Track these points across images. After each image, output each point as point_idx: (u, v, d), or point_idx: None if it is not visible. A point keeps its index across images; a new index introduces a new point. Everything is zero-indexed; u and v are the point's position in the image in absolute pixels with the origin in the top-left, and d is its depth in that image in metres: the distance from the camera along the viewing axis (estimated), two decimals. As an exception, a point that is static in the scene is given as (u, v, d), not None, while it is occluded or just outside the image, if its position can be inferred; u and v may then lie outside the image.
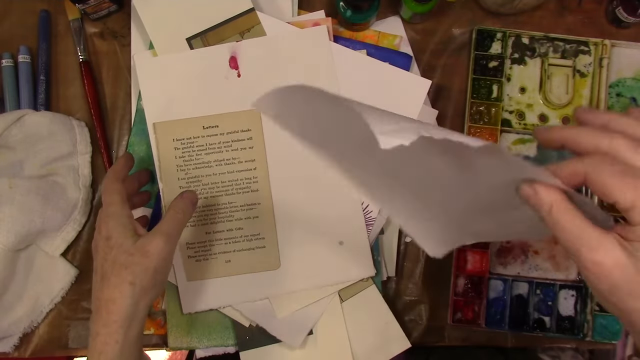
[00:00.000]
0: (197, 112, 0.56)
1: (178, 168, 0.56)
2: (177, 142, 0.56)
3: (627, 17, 0.61)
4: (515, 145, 0.62)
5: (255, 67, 0.57)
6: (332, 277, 0.57)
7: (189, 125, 0.56)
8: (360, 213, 0.57)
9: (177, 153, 0.56)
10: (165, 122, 0.56)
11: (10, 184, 0.55)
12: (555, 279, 0.61)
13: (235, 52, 0.57)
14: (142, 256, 0.44)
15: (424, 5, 0.59)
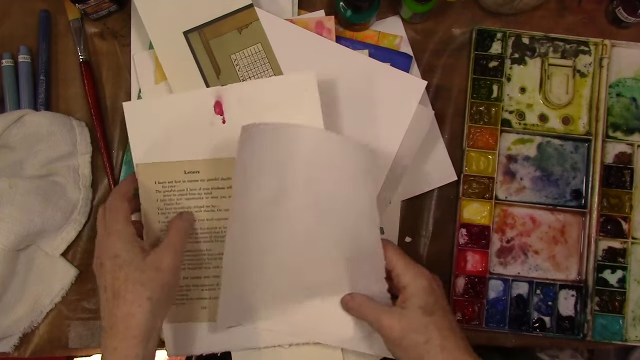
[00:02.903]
0: (179, 157, 0.55)
1: (159, 211, 0.55)
2: (159, 184, 0.55)
3: (627, 17, 0.61)
4: (515, 145, 0.62)
5: (241, 113, 0.55)
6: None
7: (170, 169, 0.55)
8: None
9: (158, 196, 0.55)
10: (148, 164, 0.55)
11: (10, 184, 0.55)
12: (555, 279, 0.61)
13: (220, 97, 0.55)
14: (156, 272, 0.46)
15: (424, 5, 0.59)
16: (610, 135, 0.62)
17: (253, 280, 0.54)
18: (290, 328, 0.56)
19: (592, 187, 0.61)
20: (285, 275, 0.54)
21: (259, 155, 0.51)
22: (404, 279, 0.48)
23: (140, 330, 0.44)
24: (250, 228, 0.52)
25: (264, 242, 0.53)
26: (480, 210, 0.61)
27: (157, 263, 0.47)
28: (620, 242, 0.61)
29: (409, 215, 0.62)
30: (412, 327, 0.46)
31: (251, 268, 0.53)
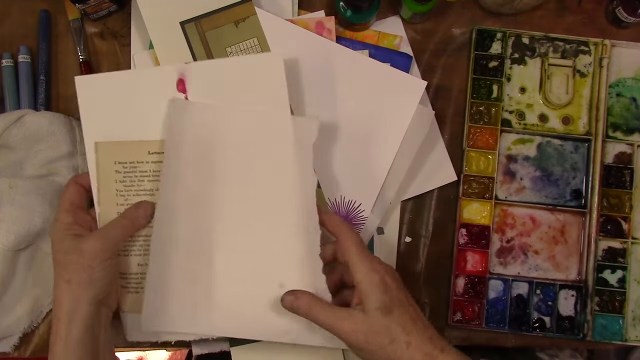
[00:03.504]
0: (142, 136, 0.53)
1: (117, 193, 0.53)
2: (119, 165, 0.52)
3: (627, 17, 0.61)
4: (515, 145, 0.62)
5: (205, 90, 0.53)
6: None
7: (134, 149, 0.53)
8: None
9: (117, 177, 0.52)
10: (109, 142, 0.53)
11: (10, 184, 0.55)
12: (555, 279, 0.61)
13: (183, 74, 0.53)
14: (77, 255, 0.47)
15: (424, 5, 0.59)
16: (610, 135, 0.62)
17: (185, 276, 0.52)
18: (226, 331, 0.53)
19: (592, 187, 0.61)
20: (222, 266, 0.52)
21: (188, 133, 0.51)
22: (357, 274, 0.46)
23: (62, 313, 0.46)
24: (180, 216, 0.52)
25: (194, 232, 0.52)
26: (480, 210, 0.61)
27: (80, 246, 0.47)
28: (620, 242, 0.61)
29: (408, 215, 0.62)
30: (374, 330, 0.45)
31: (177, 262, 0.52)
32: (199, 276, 0.52)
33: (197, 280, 0.52)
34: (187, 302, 0.53)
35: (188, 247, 0.52)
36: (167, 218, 0.51)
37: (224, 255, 0.53)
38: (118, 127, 0.53)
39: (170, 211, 0.51)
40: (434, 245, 0.62)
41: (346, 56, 0.59)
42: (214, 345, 0.59)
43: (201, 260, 0.52)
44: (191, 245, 0.52)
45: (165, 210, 0.51)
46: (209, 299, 0.52)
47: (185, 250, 0.52)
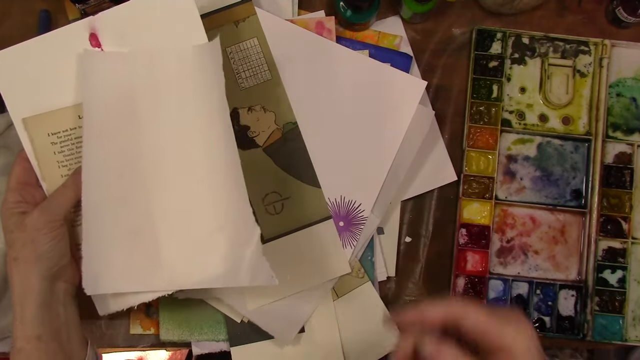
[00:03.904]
0: (68, 101, 0.51)
1: (59, 164, 0.51)
2: (54, 136, 0.51)
3: (627, 17, 0.61)
4: (515, 145, 0.62)
5: (119, 41, 0.51)
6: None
7: (63, 116, 0.51)
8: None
9: (55, 148, 0.51)
10: (37, 116, 0.51)
11: (10, 184, 0.55)
12: (555, 279, 0.61)
13: (93, 28, 0.51)
14: (20, 231, 0.46)
15: (424, 5, 0.59)
16: (610, 135, 0.62)
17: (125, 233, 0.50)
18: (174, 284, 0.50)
19: (592, 187, 0.61)
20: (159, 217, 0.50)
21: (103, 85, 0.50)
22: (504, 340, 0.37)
23: (15, 291, 0.45)
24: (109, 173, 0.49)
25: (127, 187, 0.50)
26: (480, 210, 0.61)
27: (23, 222, 0.46)
28: (620, 242, 0.61)
29: (408, 215, 0.62)
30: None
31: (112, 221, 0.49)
32: (139, 231, 0.50)
33: (138, 236, 0.50)
34: (129, 261, 0.50)
35: (122, 203, 0.50)
36: (95, 177, 0.49)
37: (161, 205, 0.50)
38: (42, 98, 0.51)
39: (98, 169, 0.49)
40: (434, 245, 0.62)
41: (346, 56, 0.59)
42: (214, 345, 0.59)
43: (139, 214, 0.50)
44: (126, 200, 0.50)
45: (93, 169, 0.49)
46: (152, 253, 0.50)
47: (121, 207, 0.50)
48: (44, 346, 0.45)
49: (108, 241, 0.49)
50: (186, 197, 0.50)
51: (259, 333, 0.57)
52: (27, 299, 0.45)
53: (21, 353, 0.44)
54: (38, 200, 0.49)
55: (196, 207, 0.50)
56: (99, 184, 0.49)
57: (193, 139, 0.50)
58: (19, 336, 0.44)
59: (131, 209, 0.50)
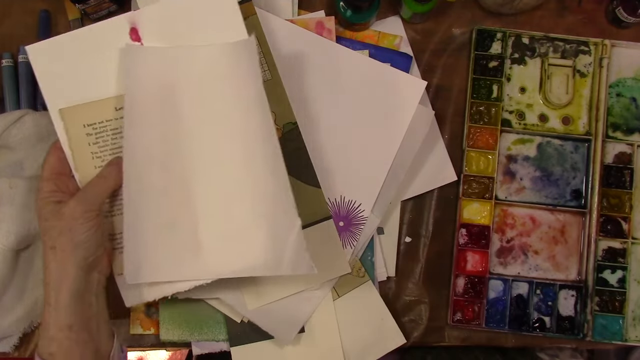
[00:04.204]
0: (105, 93, 0.52)
1: (93, 155, 0.51)
2: (89, 127, 0.51)
3: (627, 17, 0.61)
4: (515, 145, 0.62)
5: (159, 36, 0.52)
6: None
7: (99, 108, 0.51)
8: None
9: (90, 139, 0.51)
10: (73, 107, 0.51)
11: (10, 184, 0.55)
12: (555, 279, 0.61)
13: (135, 23, 0.52)
14: (56, 219, 0.46)
15: (424, 5, 0.59)
16: (610, 135, 0.62)
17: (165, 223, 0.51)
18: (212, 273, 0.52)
19: (592, 187, 0.61)
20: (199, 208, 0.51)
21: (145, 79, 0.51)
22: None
23: (49, 280, 0.45)
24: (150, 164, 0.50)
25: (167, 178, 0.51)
26: (480, 210, 0.61)
27: (60, 210, 0.46)
28: (620, 242, 0.61)
29: (408, 215, 0.62)
30: None
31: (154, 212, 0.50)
32: (179, 220, 0.51)
33: (177, 226, 0.51)
34: (170, 250, 0.51)
35: (163, 193, 0.51)
36: (136, 167, 0.50)
37: (201, 195, 0.51)
38: (79, 89, 0.52)
39: (139, 160, 0.50)
40: (434, 245, 0.62)
41: (346, 56, 0.59)
42: (214, 345, 0.59)
43: (179, 204, 0.51)
44: (166, 190, 0.51)
45: (134, 160, 0.50)
46: (192, 242, 0.51)
47: (161, 197, 0.51)
48: (75, 336, 0.45)
49: (149, 231, 0.50)
50: (226, 188, 0.51)
51: (259, 333, 0.57)
52: (62, 287, 0.45)
53: (53, 341, 0.44)
54: (72, 190, 0.50)
55: (236, 197, 0.51)
56: (140, 174, 0.50)
57: (232, 131, 0.51)
58: (51, 324, 0.45)
59: (171, 199, 0.51)
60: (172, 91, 0.51)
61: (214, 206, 0.51)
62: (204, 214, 0.51)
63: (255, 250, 0.51)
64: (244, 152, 0.52)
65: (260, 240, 0.51)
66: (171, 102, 0.51)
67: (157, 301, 0.53)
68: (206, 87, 0.52)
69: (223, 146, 0.52)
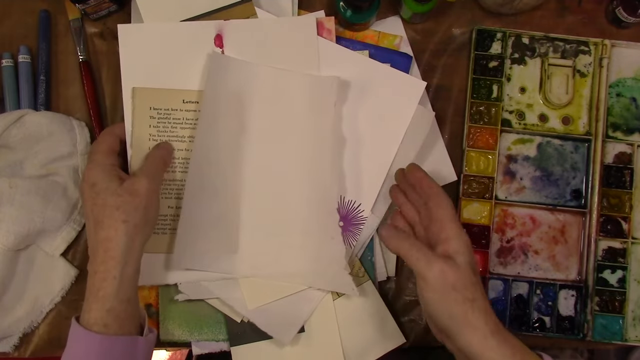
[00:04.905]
0: (178, 85, 0.56)
1: (151, 137, 0.56)
2: (154, 111, 0.56)
3: (627, 17, 0.61)
4: (515, 145, 0.62)
5: (240, 47, 0.57)
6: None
7: (169, 97, 0.56)
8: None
9: (152, 122, 0.56)
10: (146, 88, 0.56)
11: (10, 184, 0.55)
12: (555, 279, 0.61)
13: (221, 31, 0.57)
14: (131, 195, 0.48)
15: (424, 5, 0.59)
16: (610, 135, 0.62)
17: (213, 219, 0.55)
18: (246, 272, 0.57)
19: (592, 187, 0.61)
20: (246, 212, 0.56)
21: (224, 86, 0.55)
22: (450, 230, 0.46)
23: (117, 252, 0.46)
24: (212, 164, 0.55)
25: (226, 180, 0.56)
26: (480, 210, 0.61)
27: (131, 187, 0.48)
28: (620, 242, 0.61)
29: (409, 215, 0.62)
30: (464, 282, 0.44)
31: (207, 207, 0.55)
32: (226, 219, 0.56)
33: (224, 223, 0.56)
34: (214, 243, 0.56)
35: (218, 192, 0.55)
36: (200, 163, 0.55)
37: (250, 203, 0.56)
38: (155, 75, 0.56)
39: (204, 158, 0.55)
40: (434, 245, 0.62)
41: (346, 56, 0.59)
42: (213, 345, 0.59)
43: (229, 205, 0.56)
44: (221, 190, 0.56)
45: (200, 157, 0.55)
46: (234, 241, 0.56)
47: (215, 195, 0.55)
48: (130, 308, 0.47)
49: (200, 223, 0.55)
50: (275, 202, 0.57)
51: (258, 333, 0.57)
52: (130, 260, 0.47)
53: (111, 312, 0.45)
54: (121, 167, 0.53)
55: (283, 213, 0.57)
56: (202, 171, 0.55)
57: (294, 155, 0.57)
58: (113, 296, 0.45)
59: (222, 200, 0.56)
60: (246, 103, 0.56)
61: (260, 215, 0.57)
62: (249, 219, 0.56)
63: (296, 260, 0.56)
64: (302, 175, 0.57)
65: (304, 253, 0.56)
66: (243, 113, 0.56)
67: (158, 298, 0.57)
68: (279, 108, 0.56)
69: (280, 166, 0.57)
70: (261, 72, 0.56)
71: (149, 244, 0.52)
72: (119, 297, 0.46)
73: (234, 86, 0.56)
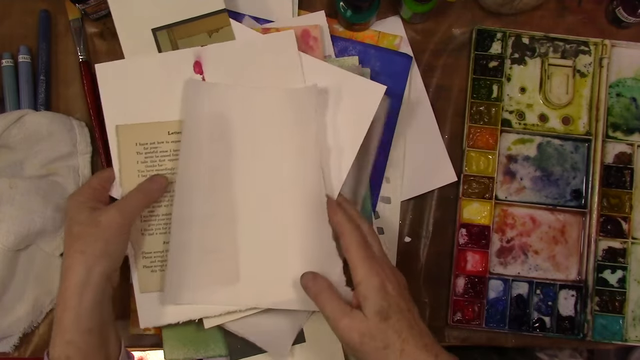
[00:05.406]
0: (162, 117, 0.55)
1: (139, 173, 0.54)
2: (140, 146, 0.55)
3: (627, 17, 0.61)
4: (515, 145, 0.62)
5: (221, 72, 0.56)
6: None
7: (154, 130, 0.55)
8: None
9: (139, 158, 0.55)
10: (130, 125, 0.55)
11: (10, 184, 0.55)
12: (555, 279, 0.61)
13: (200, 57, 0.56)
14: (93, 226, 0.48)
15: (424, 5, 0.59)
16: (610, 135, 0.63)
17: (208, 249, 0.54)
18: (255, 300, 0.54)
19: (592, 187, 0.61)
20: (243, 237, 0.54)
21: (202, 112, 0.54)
22: (357, 274, 0.47)
23: (74, 282, 0.46)
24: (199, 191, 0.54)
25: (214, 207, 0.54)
26: (480, 210, 0.61)
27: (96, 219, 0.48)
28: (620, 242, 0.61)
29: (408, 215, 0.62)
30: (370, 333, 0.45)
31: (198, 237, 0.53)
32: (221, 249, 0.54)
33: (219, 253, 0.54)
34: (207, 275, 0.54)
35: (209, 222, 0.54)
36: (186, 194, 0.53)
37: (244, 230, 0.54)
38: (138, 109, 0.55)
39: (189, 187, 0.53)
40: (434, 245, 0.62)
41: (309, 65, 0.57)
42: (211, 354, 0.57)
43: (223, 234, 0.54)
44: (212, 219, 0.54)
45: (185, 187, 0.53)
46: (231, 271, 0.54)
47: (206, 225, 0.54)
48: (93, 340, 0.46)
49: (192, 255, 0.53)
50: (270, 224, 0.55)
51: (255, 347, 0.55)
52: (87, 291, 0.46)
53: (71, 345, 0.45)
54: (105, 202, 0.53)
55: (280, 234, 0.55)
56: (189, 200, 0.53)
57: (282, 173, 0.55)
58: (71, 328, 0.45)
59: (216, 227, 0.54)
60: (228, 127, 0.55)
61: (257, 239, 0.54)
62: (246, 245, 0.54)
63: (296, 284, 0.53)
64: (291, 194, 0.55)
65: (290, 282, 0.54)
66: (226, 137, 0.55)
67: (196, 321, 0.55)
68: (261, 127, 0.55)
69: (271, 185, 0.55)
70: (237, 93, 0.55)
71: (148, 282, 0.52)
72: (78, 329, 0.45)
73: (212, 110, 0.55)
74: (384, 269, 0.48)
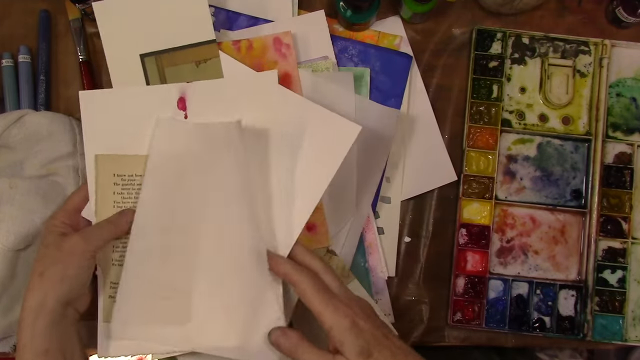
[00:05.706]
0: (142, 150, 0.54)
1: (115, 204, 0.54)
2: (118, 177, 0.54)
3: (627, 17, 0.61)
4: (515, 145, 0.62)
5: (204, 109, 0.55)
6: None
7: (132, 162, 0.54)
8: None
9: (115, 189, 0.54)
10: (109, 155, 0.54)
11: (10, 184, 0.55)
12: (555, 279, 0.61)
13: (184, 93, 0.55)
14: (56, 250, 0.48)
15: (424, 5, 0.59)
16: (610, 135, 0.63)
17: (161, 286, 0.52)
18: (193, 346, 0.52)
19: (592, 187, 0.61)
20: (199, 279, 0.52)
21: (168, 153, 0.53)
22: (325, 321, 0.45)
23: (30, 303, 0.46)
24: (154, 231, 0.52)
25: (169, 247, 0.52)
26: (480, 210, 0.61)
27: (59, 243, 0.48)
28: (620, 242, 0.61)
29: (408, 215, 0.62)
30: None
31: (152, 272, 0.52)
32: (175, 287, 0.52)
33: (172, 291, 0.52)
34: (160, 313, 0.52)
35: (164, 260, 0.52)
36: (144, 228, 0.52)
37: (199, 270, 0.52)
38: (118, 140, 0.55)
39: (147, 222, 0.52)
40: (434, 245, 0.62)
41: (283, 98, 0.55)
42: None
43: (178, 272, 0.52)
44: (167, 258, 0.52)
45: (143, 221, 0.52)
46: (182, 311, 0.52)
47: (162, 260, 0.52)
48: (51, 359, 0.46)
49: (144, 290, 0.52)
50: (220, 266, 0.53)
51: None
52: (40, 314, 0.46)
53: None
54: (80, 227, 0.53)
55: (228, 278, 0.52)
56: (146, 234, 0.52)
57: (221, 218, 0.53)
58: (28, 349, 0.45)
59: (171, 264, 0.52)
60: (187, 164, 0.53)
61: (209, 281, 0.52)
62: (200, 286, 0.52)
63: (235, 332, 0.51)
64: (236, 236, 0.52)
65: (239, 324, 0.51)
66: (184, 175, 0.53)
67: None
68: (211, 165, 0.53)
69: (219, 225, 0.53)
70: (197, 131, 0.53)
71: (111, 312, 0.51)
72: (33, 349, 0.45)
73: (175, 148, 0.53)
74: (350, 305, 0.46)
